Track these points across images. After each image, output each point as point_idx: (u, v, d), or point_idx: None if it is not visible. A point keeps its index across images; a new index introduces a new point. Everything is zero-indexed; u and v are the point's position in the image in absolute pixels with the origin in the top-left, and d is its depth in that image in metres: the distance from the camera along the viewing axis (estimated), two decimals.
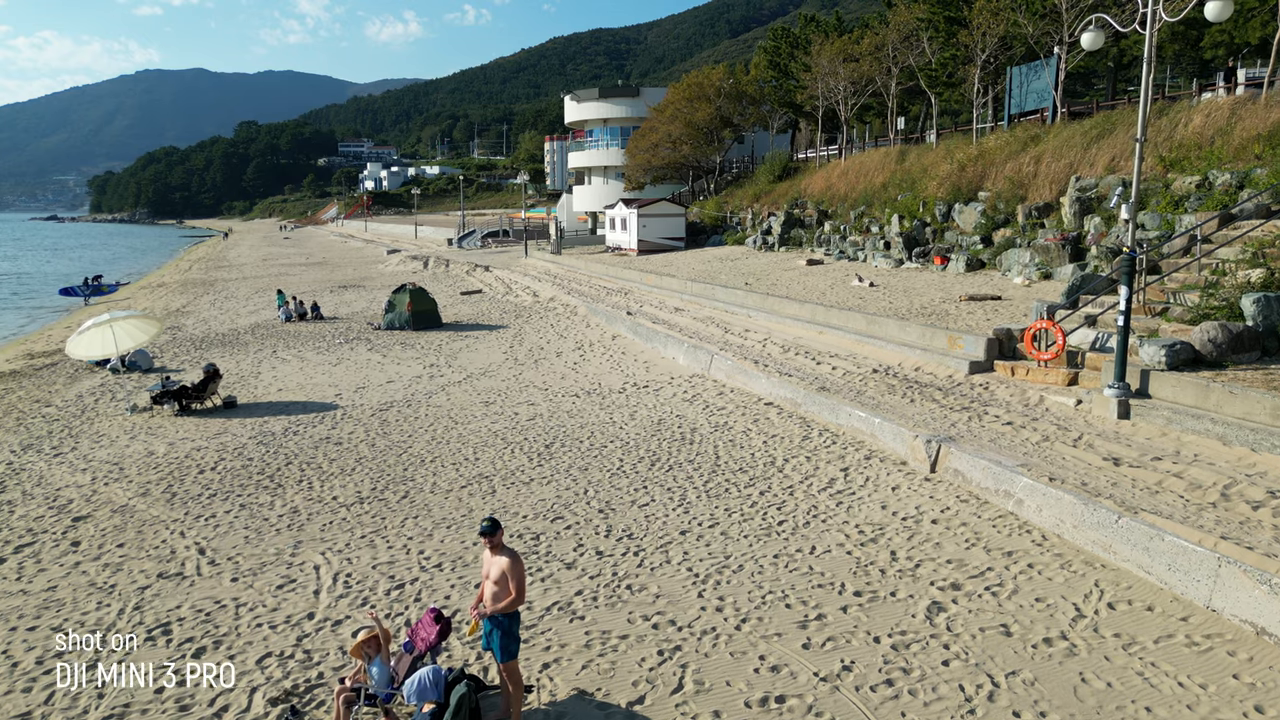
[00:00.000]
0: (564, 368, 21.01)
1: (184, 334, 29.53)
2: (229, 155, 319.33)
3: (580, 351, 23.07)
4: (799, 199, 41.15)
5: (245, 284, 49.73)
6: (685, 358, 20.43)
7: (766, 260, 35.45)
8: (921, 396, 14.46)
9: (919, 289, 23.67)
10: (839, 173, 39.82)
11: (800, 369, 17.41)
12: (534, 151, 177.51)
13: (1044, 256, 23.14)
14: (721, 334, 21.94)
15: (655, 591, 8.65)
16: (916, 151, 36.16)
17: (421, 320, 27.54)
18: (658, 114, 51.88)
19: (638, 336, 23.94)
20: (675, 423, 15.17)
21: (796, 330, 21.11)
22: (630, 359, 21.55)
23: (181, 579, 9.34)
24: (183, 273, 64.80)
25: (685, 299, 28.21)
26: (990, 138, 30.68)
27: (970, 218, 27.69)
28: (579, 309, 30.03)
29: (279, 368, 22.41)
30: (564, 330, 26.56)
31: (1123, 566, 8.69)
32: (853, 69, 40.44)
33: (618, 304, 29.04)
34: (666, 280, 31.21)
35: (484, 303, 34.72)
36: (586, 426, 15.17)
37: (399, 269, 54.60)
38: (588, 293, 33.28)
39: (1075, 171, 24.73)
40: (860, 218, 34.59)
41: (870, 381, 15.81)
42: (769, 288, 26.33)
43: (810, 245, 37.33)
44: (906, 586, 8.54)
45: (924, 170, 32.35)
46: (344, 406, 17.54)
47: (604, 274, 38.22)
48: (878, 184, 35.48)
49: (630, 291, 32.11)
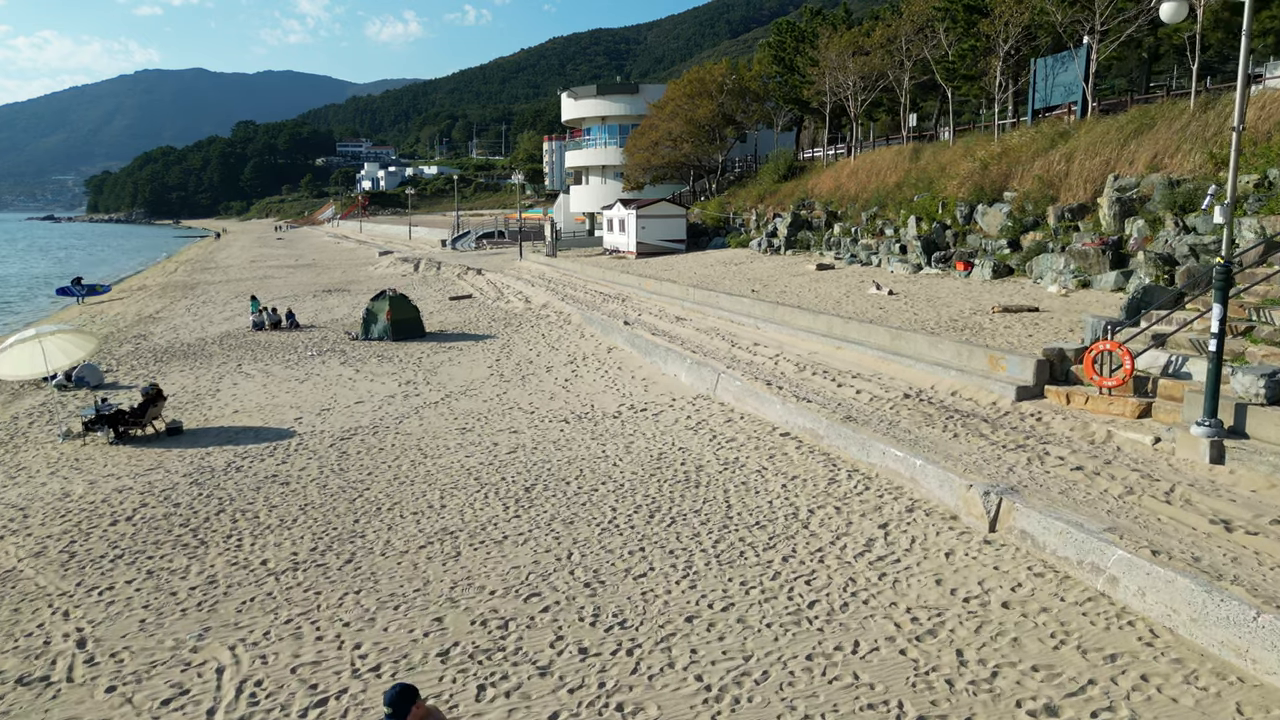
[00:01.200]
0: (554, 386, 18.95)
1: (148, 344, 27.45)
2: (226, 155, 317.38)
3: (573, 366, 21.03)
4: (806, 199, 39.12)
5: (228, 287, 47.67)
6: (688, 376, 18.36)
7: (773, 264, 33.39)
8: (965, 430, 12.40)
9: (944, 298, 21.61)
10: (848, 172, 37.80)
11: (819, 391, 15.35)
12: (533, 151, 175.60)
13: (1081, 263, 21.09)
14: (728, 348, 19.88)
15: (654, 714, 6.59)
16: (932, 149, 34.13)
17: (402, 330, 25.46)
18: (658, 111, 49.85)
19: (636, 349, 21.88)
20: (678, 457, 13.10)
21: (811, 344, 19.05)
22: (627, 376, 19.49)
23: (46, 686, 7.27)
24: (168, 275, 62.73)
25: (687, 307, 26.16)
26: (1013, 134, 28.63)
27: (995, 220, 25.64)
28: (573, 317, 27.97)
29: (241, 384, 20.34)
30: (556, 341, 24.50)
31: (1267, 681, 6.63)
32: (863, 63, 38.40)
33: (614, 312, 26.99)
34: (667, 286, 29.15)
35: (473, 309, 32.66)
36: (575, 462, 13.11)
37: (389, 272, 52.55)
38: (583, 299, 31.22)
39: (1112, 170, 22.68)
40: (872, 219, 32.54)
41: (902, 410, 13.75)
42: (778, 295, 24.28)
43: (819, 248, 35.28)
44: (986, 709, 6.48)
45: (941, 169, 30.30)
46: (302, 434, 15.48)
47: (600, 278, 36.18)
48: (891, 184, 33.45)
49: (628, 298, 30.06)
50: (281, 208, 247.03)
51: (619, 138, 57.50)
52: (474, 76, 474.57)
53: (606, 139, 58.89)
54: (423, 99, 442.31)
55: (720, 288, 26.79)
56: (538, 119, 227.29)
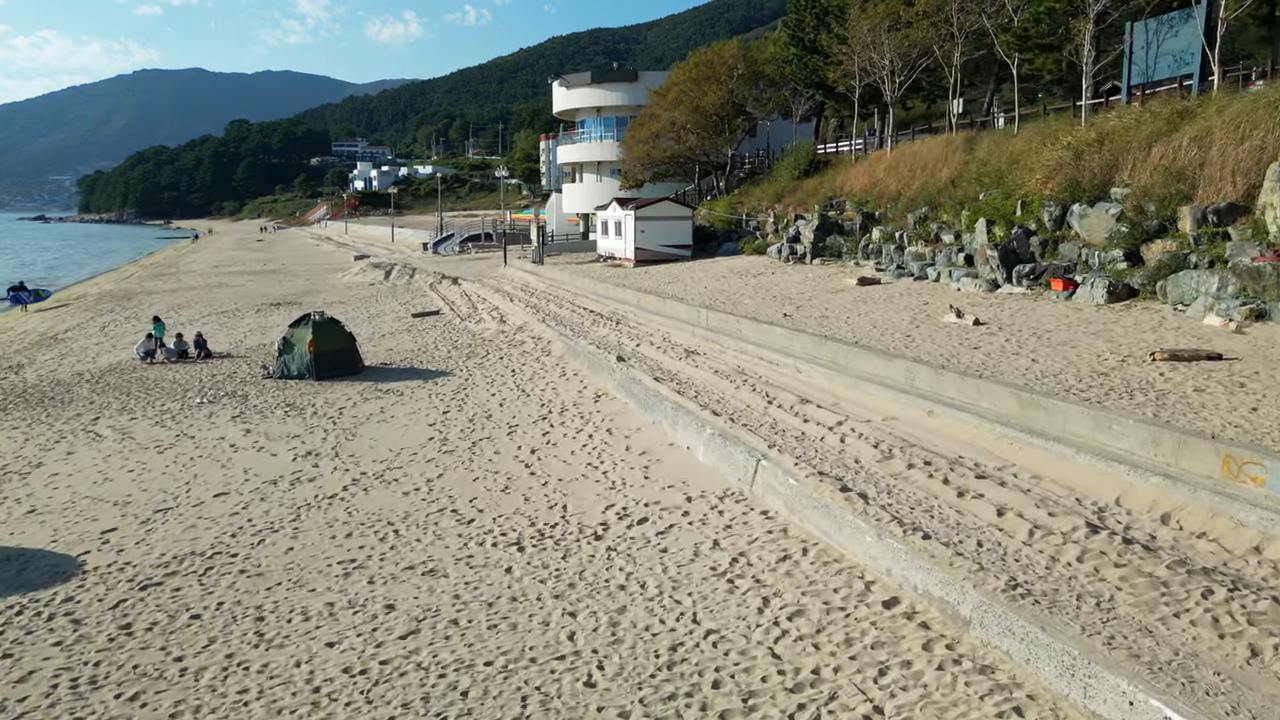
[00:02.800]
0: (514, 462, 13.11)
1: (10, 381, 21.53)
2: (219, 155, 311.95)
3: (546, 424, 15.20)
4: (834, 198, 33.26)
5: (169, 297, 41.78)
6: (709, 453, 12.50)
7: (800, 277, 27.51)
8: (1247, 619, 6.55)
9: (1057, 332, 15.73)
10: (885, 166, 31.94)
11: (930, 504, 9.48)
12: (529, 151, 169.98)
13: (1252, 284, 15.25)
14: (762, 405, 14.02)
15: None
16: (991, 138, 28.26)
17: (328, 365, 19.56)
18: (659, 98, 44.00)
19: (633, 400, 16.04)
20: (705, 665, 7.22)
21: (885, 403, 13.20)
22: (620, 445, 13.66)
23: None
24: (119, 281, 56.79)
25: (699, 335, 20.31)
26: (1109, 116, 22.75)
27: (1100, 223, 19.78)
28: (554, 345, 22.11)
29: (78, 454, 14.48)
30: (528, 382, 18.66)
31: None
32: (901, 38, 32.55)
33: (605, 339, 21.13)
34: (672, 305, 23.29)
35: (435, 330, 26.80)
36: (517, 672, 7.24)
37: (356, 280, 46.69)
38: (569, 319, 25.35)
39: (1274, 158, 16.83)
40: (923, 223, 26.67)
41: (1102, 564, 7.86)
42: (818, 321, 18.41)
43: (853, 256, 29.43)
44: None
45: (1013, 161, 24.43)
46: (92, 570, 9.62)
47: (591, 291, 30.32)
48: (942, 179, 27.58)
49: (623, 319, 24.20)
50: (274, 208, 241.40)
51: (616, 131, 51.64)
52: (472, 76, 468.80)
53: (602, 132, 53.04)
54: (420, 99, 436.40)
55: (740, 309, 20.93)
56: (536, 118, 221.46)
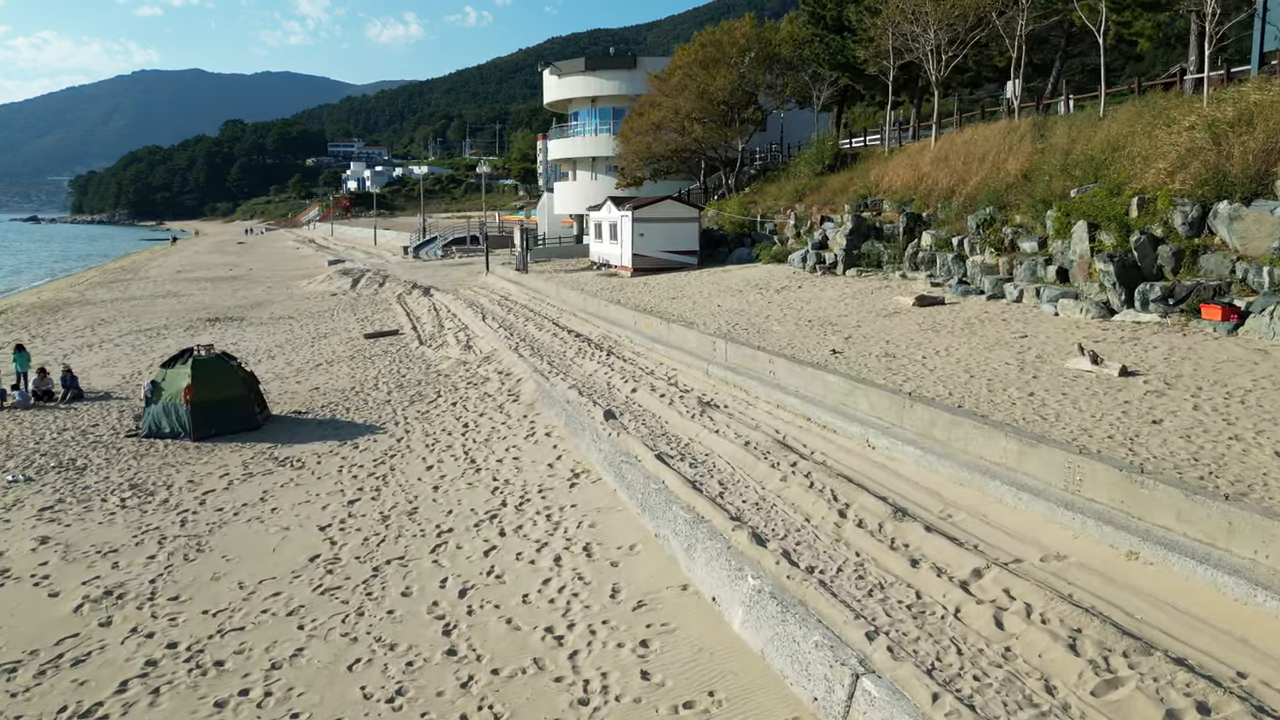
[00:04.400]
0: (426, 619, 7.90)
1: None
2: (213, 155, 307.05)
3: (494, 528, 10.01)
4: (868, 197, 28.06)
5: (99, 310, 36.52)
6: (754, 626, 7.26)
7: (835, 293, 22.28)
8: None
9: (1250, 389, 10.51)
10: (931, 159, 26.75)
11: None
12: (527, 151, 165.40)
13: None
14: (831, 519, 8.81)
15: None
16: (1071, 122, 23.04)
17: (211, 420, 14.29)
18: (661, 84, 38.80)
19: (625, 492, 10.82)
20: None
21: (1038, 525, 7.99)
22: (601, 582, 8.45)
23: None
24: (64, 290, 51.51)
25: (715, 376, 15.11)
26: (1247, 89, 17.53)
27: (1261, 228, 14.59)
28: (524, 386, 16.89)
29: None
30: (482, 446, 13.46)
31: None
32: (949, 8, 27.38)
33: (593, 379, 15.91)
34: (678, 332, 18.05)
35: (384, 359, 21.59)
36: None
37: (319, 288, 41.47)
38: (548, 346, 20.12)
39: None
40: (989, 226, 21.47)
41: None
42: (885, 363, 13.18)
43: (897, 266, 24.26)
44: None
45: (1112, 147, 19.25)
46: None
47: (580, 308, 25.10)
48: (1010, 172, 22.39)
49: (616, 346, 18.98)
50: (268, 209, 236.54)
51: (612, 123, 46.47)
52: (471, 77, 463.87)
53: (597, 124, 47.86)
54: (418, 99, 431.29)
55: (769, 339, 15.68)
56: (534, 118, 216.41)
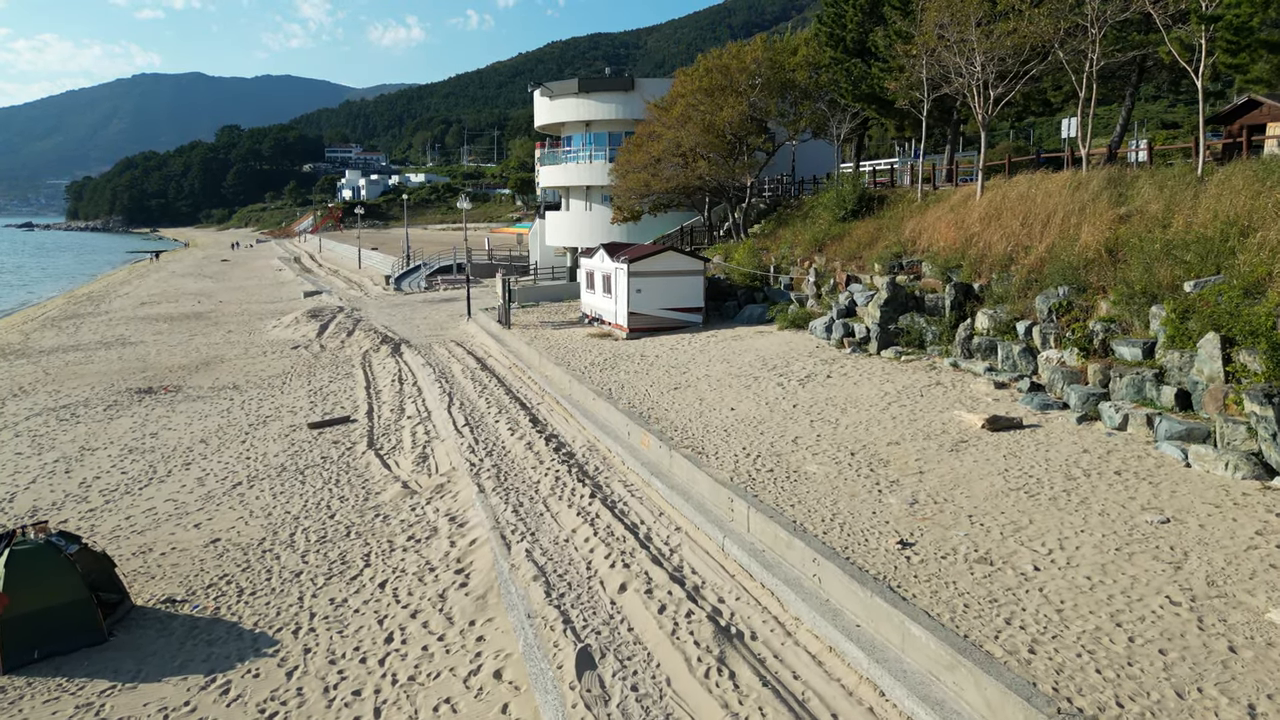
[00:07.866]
0: None
1: None
2: (208, 161, 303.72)
3: None
4: (902, 255, 24.01)
5: (35, 366, 32.31)
6: None
7: (874, 390, 18.08)
8: None
9: None
10: (981, 214, 22.63)
11: None
12: (524, 158, 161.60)
13: None
14: None
15: None
16: (1160, 181, 18.78)
17: (34, 639, 10.09)
18: (662, 114, 34.78)
19: None
20: None
21: None
22: None
23: None
24: (12, 330, 47.34)
25: (735, 560, 10.95)
26: None
27: None
28: (477, 561, 12.74)
29: None
30: (399, 701, 9.33)
31: None
32: (1002, 33, 23.29)
33: (568, 551, 11.76)
34: (685, 469, 13.85)
35: (319, 475, 17.45)
36: None
37: (283, 335, 37.37)
38: (519, 468, 15.95)
39: None
40: (1067, 314, 17.35)
41: None
42: (975, 573, 9.05)
43: (943, 350, 20.18)
44: None
45: (1231, 226, 15.11)
46: None
47: (564, 392, 20.91)
48: (1088, 244, 18.23)
49: (604, 468, 14.80)
50: (263, 216, 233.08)
51: (608, 149, 42.54)
52: (470, 81, 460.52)
53: (592, 150, 43.90)
54: (417, 103, 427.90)
55: (802, 491, 11.49)
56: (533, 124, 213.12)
